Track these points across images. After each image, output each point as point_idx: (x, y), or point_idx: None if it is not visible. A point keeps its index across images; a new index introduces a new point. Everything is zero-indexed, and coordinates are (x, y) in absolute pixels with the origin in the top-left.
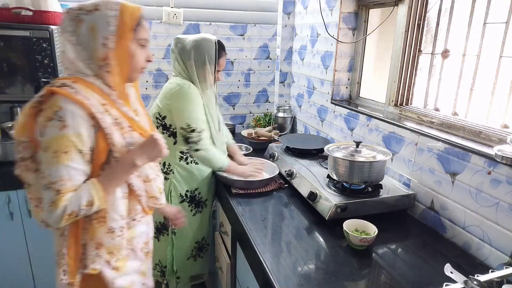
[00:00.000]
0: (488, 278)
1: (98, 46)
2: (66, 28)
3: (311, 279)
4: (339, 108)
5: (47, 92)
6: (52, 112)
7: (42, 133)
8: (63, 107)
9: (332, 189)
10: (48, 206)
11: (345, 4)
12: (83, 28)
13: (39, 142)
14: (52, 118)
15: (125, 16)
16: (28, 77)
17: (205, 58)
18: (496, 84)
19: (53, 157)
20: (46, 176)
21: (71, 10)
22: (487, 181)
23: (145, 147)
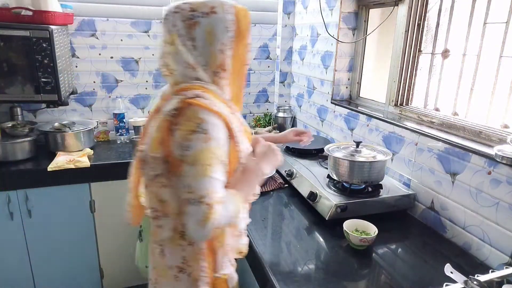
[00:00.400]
0: (488, 278)
1: (215, 52)
2: (179, 31)
3: (311, 279)
4: (339, 108)
5: (182, 104)
6: (194, 124)
7: (186, 146)
8: (205, 119)
9: (332, 189)
10: (199, 221)
11: (345, 4)
12: (199, 31)
13: (180, 156)
14: (195, 131)
15: (240, 21)
16: (28, 77)
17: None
18: (496, 84)
19: (201, 170)
20: (194, 191)
21: (182, 10)
22: (487, 181)
23: (268, 156)
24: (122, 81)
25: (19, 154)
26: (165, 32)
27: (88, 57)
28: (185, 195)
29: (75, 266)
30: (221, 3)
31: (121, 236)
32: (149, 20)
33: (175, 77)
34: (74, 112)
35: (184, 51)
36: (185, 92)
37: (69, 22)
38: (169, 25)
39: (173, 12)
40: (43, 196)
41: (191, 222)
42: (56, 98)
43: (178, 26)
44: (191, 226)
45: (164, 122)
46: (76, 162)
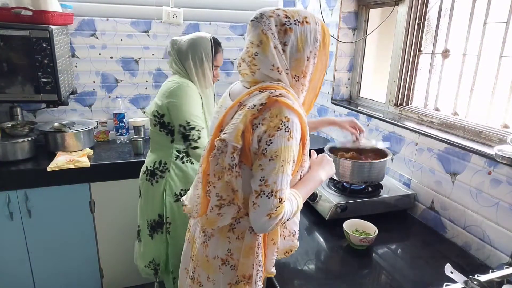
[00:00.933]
0: (488, 278)
1: (303, 58)
2: (274, 34)
3: (311, 279)
4: (339, 108)
5: (269, 100)
6: (279, 121)
7: (269, 141)
8: (290, 118)
9: (332, 189)
10: (268, 214)
11: (345, 3)
12: (292, 37)
13: (260, 150)
14: (279, 128)
15: (326, 34)
16: (27, 77)
17: (202, 55)
18: (496, 84)
19: (281, 166)
20: (269, 184)
21: (278, 15)
22: (487, 181)
23: (326, 165)
24: (122, 81)
25: (19, 154)
26: (255, 33)
27: (88, 57)
28: (258, 187)
29: (75, 266)
30: (312, 15)
31: (121, 236)
32: (149, 20)
33: (255, 77)
34: (74, 112)
35: (274, 54)
36: (271, 90)
37: (69, 22)
38: (263, 27)
39: (268, 16)
40: (43, 196)
41: (260, 213)
42: (56, 98)
43: (272, 29)
44: (258, 217)
45: (249, 115)
46: (76, 162)
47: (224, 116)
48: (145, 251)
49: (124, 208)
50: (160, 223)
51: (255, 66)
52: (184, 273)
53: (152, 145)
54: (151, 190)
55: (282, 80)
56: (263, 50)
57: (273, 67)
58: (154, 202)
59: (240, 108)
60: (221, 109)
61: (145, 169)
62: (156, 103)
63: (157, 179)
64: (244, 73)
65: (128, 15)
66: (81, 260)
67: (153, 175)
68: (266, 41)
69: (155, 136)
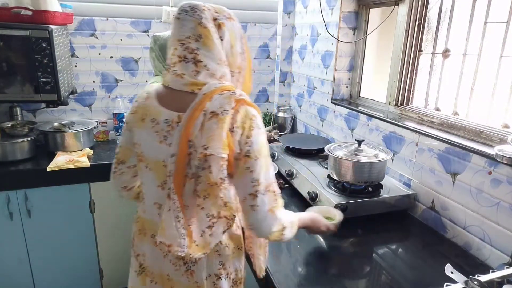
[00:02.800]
0: (488, 278)
1: (237, 54)
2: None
3: (311, 279)
4: (339, 108)
5: (237, 102)
6: (251, 121)
7: (249, 142)
8: (256, 115)
9: (332, 189)
10: (270, 208)
11: (345, 3)
12: (226, 32)
13: (241, 153)
14: (253, 127)
15: (242, 31)
16: (27, 77)
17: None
18: (496, 83)
19: (265, 162)
20: (261, 183)
21: (209, 9)
22: (487, 181)
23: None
24: (121, 81)
25: (19, 154)
26: (190, 27)
27: (88, 56)
28: (251, 190)
29: (75, 266)
30: (231, 12)
31: (120, 236)
32: (149, 20)
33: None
34: (73, 112)
35: (219, 47)
36: (228, 90)
37: (69, 21)
38: (201, 20)
39: (202, 9)
40: (43, 196)
41: (262, 212)
42: (55, 98)
43: (210, 23)
44: (262, 217)
45: (227, 122)
46: (75, 162)
47: (188, 129)
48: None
49: (124, 208)
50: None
51: (201, 63)
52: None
53: None
54: None
55: (226, 76)
56: (206, 44)
57: (220, 61)
58: None
59: (211, 116)
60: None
61: None
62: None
63: None
64: (180, 74)
65: (128, 15)
66: (81, 260)
67: None
68: (207, 34)
69: None
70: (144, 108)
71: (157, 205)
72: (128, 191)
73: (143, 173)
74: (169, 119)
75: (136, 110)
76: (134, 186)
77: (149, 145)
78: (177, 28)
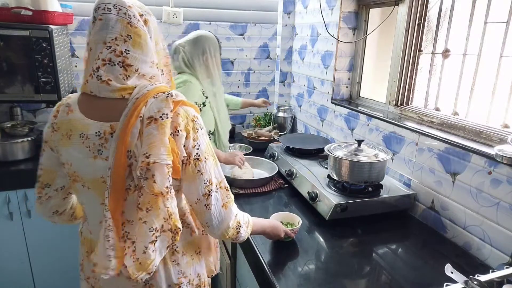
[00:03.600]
0: (488, 278)
1: (161, 51)
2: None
3: (311, 279)
4: (339, 107)
5: (175, 104)
6: (192, 122)
7: (196, 145)
8: (195, 114)
9: (332, 189)
10: (224, 204)
11: (345, 3)
12: (151, 29)
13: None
14: (197, 128)
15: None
16: (27, 77)
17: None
18: (496, 83)
19: (213, 161)
20: (213, 181)
21: (132, 5)
22: (487, 181)
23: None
24: None
25: (19, 154)
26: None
27: None
28: (204, 191)
29: (75, 266)
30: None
31: None
32: None
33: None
34: None
35: (151, 48)
36: (162, 92)
37: (69, 21)
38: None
39: (128, 6)
40: None
41: (216, 210)
42: (56, 98)
43: (140, 21)
44: (217, 214)
45: (168, 127)
46: None
47: (126, 138)
48: None
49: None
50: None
51: (131, 67)
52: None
53: None
54: None
55: (157, 77)
56: (138, 45)
57: (153, 64)
58: None
59: (149, 121)
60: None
61: None
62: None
63: None
64: (106, 81)
65: None
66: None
67: None
68: (138, 33)
69: None
70: (68, 123)
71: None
72: (60, 216)
73: (82, 193)
74: (100, 131)
75: (58, 126)
76: (66, 209)
77: (82, 163)
78: (99, 29)
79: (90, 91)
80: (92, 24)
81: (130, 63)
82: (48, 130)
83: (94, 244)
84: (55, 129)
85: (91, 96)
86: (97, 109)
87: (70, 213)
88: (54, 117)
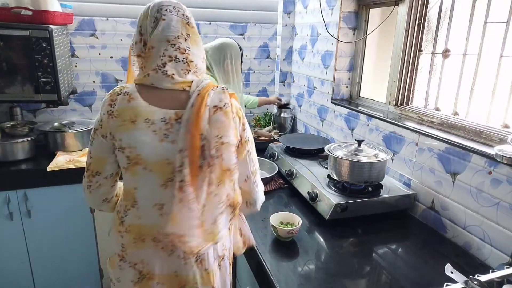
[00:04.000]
0: (488, 278)
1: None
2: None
3: (311, 279)
4: (339, 107)
5: (230, 96)
6: (240, 111)
7: (246, 129)
8: (240, 106)
9: (332, 189)
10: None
11: (345, 3)
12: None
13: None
14: (242, 116)
15: None
16: (27, 77)
17: (233, 57)
18: (496, 83)
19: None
20: (255, 163)
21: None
22: (487, 181)
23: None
24: (121, 81)
25: (19, 154)
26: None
27: (88, 56)
28: (253, 168)
29: (75, 266)
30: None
31: None
32: None
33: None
34: (73, 112)
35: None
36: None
37: (69, 21)
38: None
39: (184, 8)
40: (43, 196)
41: (261, 188)
42: (55, 98)
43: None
44: (261, 192)
45: (230, 113)
46: (76, 162)
47: (198, 124)
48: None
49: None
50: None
51: (192, 62)
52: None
53: None
54: None
55: (203, 72)
56: (195, 43)
57: (204, 59)
58: None
59: (215, 110)
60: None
61: None
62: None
63: None
64: (171, 75)
65: (128, 15)
66: (81, 260)
67: None
68: (195, 32)
69: None
70: (131, 109)
71: (158, 206)
72: (108, 203)
73: (140, 176)
74: (166, 117)
75: (119, 113)
76: (113, 196)
77: (149, 146)
78: (163, 29)
79: (152, 84)
80: (152, 23)
81: (192, 59)
82: (104, 117)
83: (144, 229)
84: (115, 116)
85: (150, 87)
86: (161, 99)
87: (115, 200)
88: (111, 106)
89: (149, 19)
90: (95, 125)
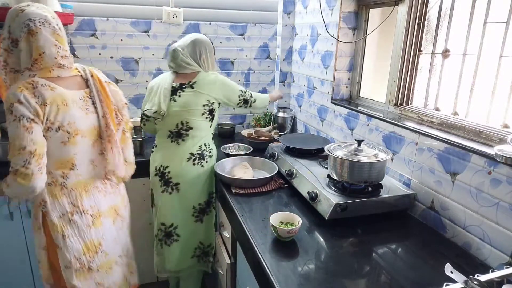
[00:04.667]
0: (488, 278)
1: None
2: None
3: (311, 279)
4: (339, 107)
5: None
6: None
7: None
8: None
9: (332, 189)
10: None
11: (345, 3)
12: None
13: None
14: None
15: None
16: None
17: (208, 49)
18: (496, 83)
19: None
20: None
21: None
22: (487, 181)
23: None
24: (122, 81)
25: None
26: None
27: (88, 57)
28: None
29: None
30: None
31: None
32: (149, 20)
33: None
34: None
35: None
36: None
37: (69, 22)
38: (54, 29)
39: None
40: None
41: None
42: None
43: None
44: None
45: (115, 84)
46: None
47: (107, 93)
48: (185, 245)
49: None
50: (209, 202)
51: (71, 56)
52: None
53: (191, 134)
54: (202, 172)
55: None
56: (65, 41)
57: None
58: (208, 182)
59: (108, 83)
60: (76, 102)
61: (190, 156)
62: (201, 95)
63: (207, 159)
64: (69, 67)
65: (128, 15)
66: None
67: (202, 157)
68: (63, 33)
69: (199, 124)
70: (59, 96)
71: (91, 161)
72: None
73: (78, 144)
74: (82, 96)
75: (51, 101)
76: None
77: (81, 119)
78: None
79: (58, 75)
80: (25, 29)
81: (70, 54)
82: (37, 107)
83: (87, 183)
84: (48, 104)
85: (57, 78)
86: (70, 84)
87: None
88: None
89: (19, 25)
90: (26, 116)
